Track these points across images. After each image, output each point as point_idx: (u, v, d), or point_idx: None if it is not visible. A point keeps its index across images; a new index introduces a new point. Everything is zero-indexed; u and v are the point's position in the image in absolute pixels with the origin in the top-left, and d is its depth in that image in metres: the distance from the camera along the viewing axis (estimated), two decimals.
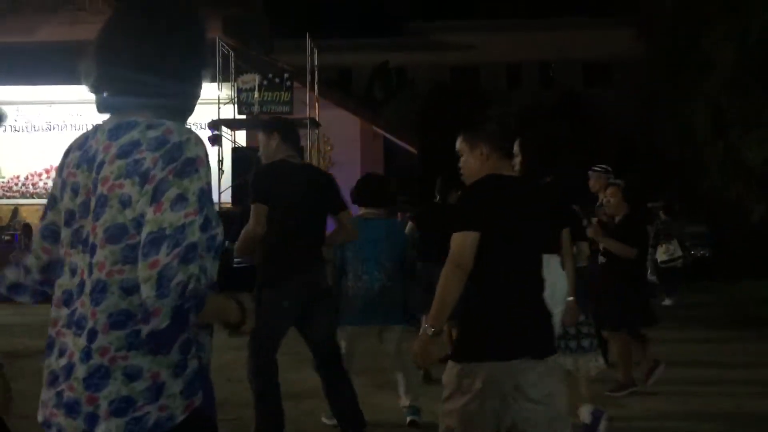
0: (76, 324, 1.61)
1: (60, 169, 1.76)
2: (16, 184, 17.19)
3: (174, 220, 1.53)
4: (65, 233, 1.68)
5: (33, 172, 16.96)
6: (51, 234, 1.75)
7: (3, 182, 17.27)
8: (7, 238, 15.37)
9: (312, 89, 16.38)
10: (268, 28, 24.28)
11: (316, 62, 16.51)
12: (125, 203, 1.57)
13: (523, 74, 29.49)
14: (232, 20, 18.71)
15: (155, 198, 1.55)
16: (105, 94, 1.71)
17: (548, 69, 29.48)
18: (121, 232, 1.58)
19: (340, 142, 17.16)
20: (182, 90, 1.73)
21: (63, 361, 1.62)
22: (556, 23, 28.28)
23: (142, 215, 1.55)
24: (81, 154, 1.69)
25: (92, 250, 1.60)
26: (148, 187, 1.56)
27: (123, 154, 1.60)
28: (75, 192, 1.67)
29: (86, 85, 1.73)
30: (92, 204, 1.62)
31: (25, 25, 18.00)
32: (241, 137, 16.58)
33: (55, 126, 16.93)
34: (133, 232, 1.57)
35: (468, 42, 28.47)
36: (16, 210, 16.26)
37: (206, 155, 1.65)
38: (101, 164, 1.62)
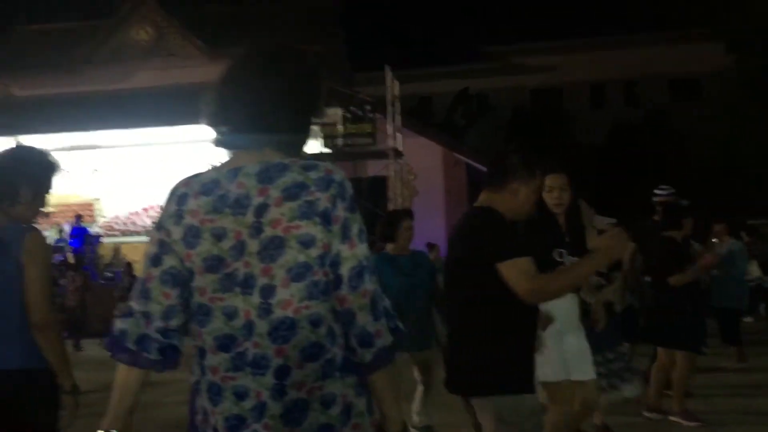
0: (251, 365, 1.63)
1: (176, 216, 1.71)
2: (117, 223, 18.01)
3: (365, 252, 1.69)
4: (209, 279, 1.67)
5: (133, 212, 17.75)
6: (171, 279, 1.74)
7: (105, 221, 18.14)
8: (109, 275, 16.15)
9: (393, 120, 16.61)
10: (349, 61, 24.84)
11: (396, 92, 16.74)
12: (307, 243, 1.63)
13: (607, 93, 28.92)
14: (315, 56, 19.21)
15: (346, 235, 1.66)
16: (225, 131, 1.75)
17: (633, 87, 28.73)
18: (305, 270, 1.63)
19: (423, 170, 17.28)
20: (301, 128, 1.80)
21: (249, 403, 1.64)
22: (638, 39, 27.62)
23: (338, 254, 1.65)
24: (215, 199, 1.68)
25: (267, 291, 1.63)
26: (336, 227, 1.65)
27: (291, 196, 1.64)
28: (218, 237, 1.66)
29: (206, 121, 1.78)
30: (252, 246, 1.65)
31: (122, 71, 19.08)
32: None
33: (152, 166, 17.74)
34: (317, 269, 1.64)
35: (549, 63, 28.18)
36: (117, 249, 17.07)
37: None
38: (263, 207, 1.65)
